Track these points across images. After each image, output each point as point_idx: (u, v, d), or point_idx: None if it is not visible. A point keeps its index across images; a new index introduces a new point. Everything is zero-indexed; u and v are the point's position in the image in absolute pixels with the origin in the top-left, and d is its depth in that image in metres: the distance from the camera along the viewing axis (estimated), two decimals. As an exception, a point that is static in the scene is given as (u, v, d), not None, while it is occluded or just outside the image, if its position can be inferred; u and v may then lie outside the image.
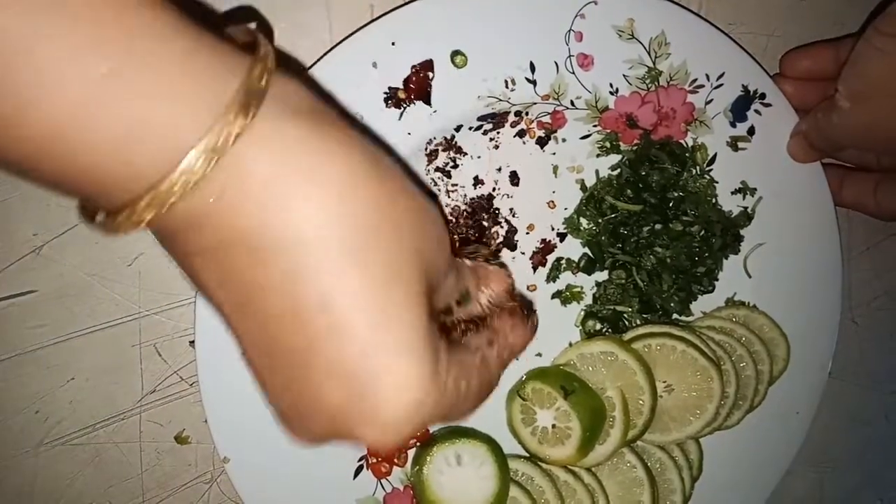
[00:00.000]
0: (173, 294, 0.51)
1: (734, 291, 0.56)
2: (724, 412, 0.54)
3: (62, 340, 0.50)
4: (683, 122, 0.53)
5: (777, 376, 0.56)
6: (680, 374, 0.53)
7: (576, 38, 0.50)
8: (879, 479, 0.63)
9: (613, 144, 0.54)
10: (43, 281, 0.50)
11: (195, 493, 0.53)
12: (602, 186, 0.54)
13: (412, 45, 0.48)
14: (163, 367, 0.52)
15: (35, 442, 0.51)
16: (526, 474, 0.53)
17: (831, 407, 0.58)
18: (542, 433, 0.52)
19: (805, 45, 0.55)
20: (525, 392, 0.52)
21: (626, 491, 0.54)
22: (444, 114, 0.50)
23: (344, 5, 0.49)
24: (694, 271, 0.55)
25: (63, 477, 0.52)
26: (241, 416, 0.49)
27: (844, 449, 0.62)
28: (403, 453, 0.53)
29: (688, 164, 0.54)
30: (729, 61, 0.52)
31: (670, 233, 0.54)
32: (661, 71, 0.52)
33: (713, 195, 0.55)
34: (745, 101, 0.53)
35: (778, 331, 0.56)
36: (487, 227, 0.52)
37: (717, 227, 0.54)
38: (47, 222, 0.49)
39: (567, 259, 0.54)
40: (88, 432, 0.52)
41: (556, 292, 0.55)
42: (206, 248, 0.27)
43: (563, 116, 0.52)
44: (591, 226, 0.54)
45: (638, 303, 0.55)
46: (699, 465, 0.56)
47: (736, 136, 0.54)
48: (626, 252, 0.54)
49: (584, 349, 0.53)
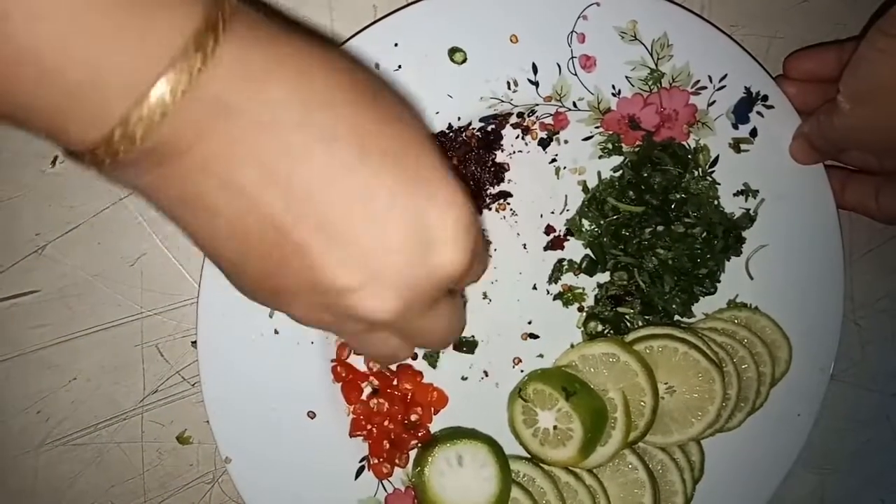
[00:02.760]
0: (175, 294, 0.51)
1: (736, 293, 0.56)
2: (726, 414, 0.54)
3: (64, 340, 0.51)
4: (686, 123, 0.53)
5: (779, 378, 0.56)
6: (682, 376, 0.53)
7: (578, 39, 0.50)
8: (881, 481, 0.63)
9: (615, 146, 0.54)
10: (45, 281, 0.50)
11: (197, 494, 0.53)
12: (604, 188, 0.54)
13: (415, 46, 0.48)
14: (165, 368, 0.52)
15: (37, 442, 0.51)
16: (527, 475, 0.53)
17: (833, 409, 0.58)
18: (543, 434, 0.52)
19: (808, 46, 0.55)
20: (527, 393, 0.52)
21: (627, 492, 0.54)
22: (447, 114, 0.50)
23: (347, 6, 0.49)
24: (696, 273, 0.55)
25: (64, 477, 0.52)
26: (242, 417, 0.50)
27: (846, 451, 0.62)
28: (405, 453, 0.53)
29: (690, 165, 0.54)
30: (731, 63, 0.52)
31: (672, 234, 0.54)
32: (664, 72, 0.52)
33: (715, 197, 0.55)
34: (747, 103, 0.53)
35: (780, 332, 0.56)
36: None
37: (719, 229, 0.54)
38: (49, 222, 0.49)
39: (569, 260, 0.54)
40: (90, 432, 0.52)
41: (557, 293, 0.55)
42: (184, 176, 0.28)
43: (565, 118, 0.53)
44: (593, 227, 0.54)
45: (640, 304, 0.55)
46: (701, 467, 0.56)
47: (738, 137, 0.54)
48: (627, 253, 0.54)
49: (586, 351, 0.53)
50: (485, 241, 0.37)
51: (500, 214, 0.53)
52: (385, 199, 0.30)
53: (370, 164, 0.29)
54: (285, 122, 0.28)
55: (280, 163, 0.28)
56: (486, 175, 0.52)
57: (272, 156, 0.28)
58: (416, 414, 0.53)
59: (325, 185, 0.29)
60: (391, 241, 0.30)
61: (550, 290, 0.55)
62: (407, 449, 0.53)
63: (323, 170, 0.29)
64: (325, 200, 0.29)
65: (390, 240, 0.30)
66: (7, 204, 0.49)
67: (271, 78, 0.28)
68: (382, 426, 0.52)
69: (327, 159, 0.29)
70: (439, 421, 0.53)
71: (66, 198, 0.49)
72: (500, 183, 0.53)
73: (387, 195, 0.30)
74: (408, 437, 0.53)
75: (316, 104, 0.29)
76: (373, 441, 0.52)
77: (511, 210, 0.53)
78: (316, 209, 0.29)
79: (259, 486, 0.50)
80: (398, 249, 0.30)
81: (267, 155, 0.28)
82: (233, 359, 0.49)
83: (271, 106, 0.28)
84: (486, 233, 0.53)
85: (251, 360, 0.50)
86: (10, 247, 0.49)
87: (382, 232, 0.30)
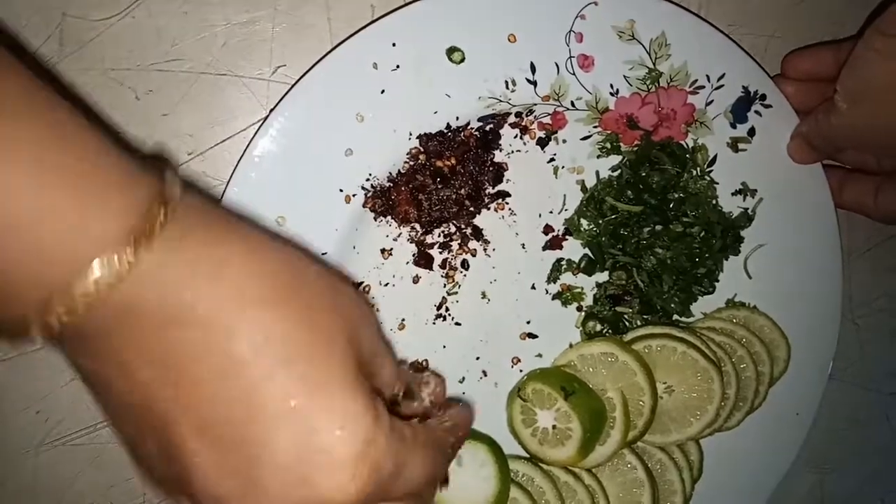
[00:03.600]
0: (174, 294, 0.51)
1: (734, 292, 0.56)
2: (725, 413, 0.54)
3: (63, 340, 0.51)
4: (684, 123, 0.54)
5: (777, 377, 0.56)
6: (680, 376, 0.53)
7: (576, 38, 0.50)
8: (880, 481, 0.63)
9: (614, 145, 0.54)
10: (44, 281, 0.50)
11: (196, 494, 0.53)
12: (602, 187, 0.54)
13: (413, 46, 0.48)
14: (163, 368, 0.52)
15: (36, 442, 0.51)
16: (526, 475, 0.53)
17: (832, 408, 0.58)
18: (542, 434, 0.52)
19: (806, 46, 0.55)
20: (525, 393, 0.52)
21: (626, 492, 0.54)
22: (445, 114, 0.50)
23: (344, 6, 0.49)
24: (694, 272, 0.55)
25: (64, 477, 0.52)
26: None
27: (845, 450, 0.62)
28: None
29: (688, 165, 0.54)
30: (729, 62, 0.53)
31: (670, 234, 0.54)
32: (662, 72, 0.52)
33: (713, 196, 0.55)
34: (745, 103, 0.53)
35: (778, 332, 0.56)
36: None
37: (718, 229, 0.54)
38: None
39: (567, 260, 0.55)
40: (89, 432, 0.52)
41: (556, 293, 0.55)
42: (122, 348, 0.28)
43: (563, 117, 0.53)
44: (592, 227, 0.54)
45: (638, 304, 0.55)
46: (699, 467, 0.56)
47: (736, 137, 0.54)
48: (626, 253, 0.54)
49: (585, 350, 0.53)
50: (430, 456, 0.34)
51: (498, 214, 0.53)
52: (278, 405, 0.28)
53: (270, 365, 0.28)
54: (195, 319, 0.28)
55: (179, 360, 0.28)
56: (485, 175, 0.52)
57: (173, 356, 0.28)
58: None
59: (216, 385, 0.28)
60: (277, 456, 0.28)
61: (549, 289, 0.55)
62: None
63: (215, 369, 0.28)
64: (211, 399, 0.28)
65: (276, 454, 0.28)
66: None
67: (197, 276, 0.28)
68: None
69: (222, 359, 0.28)
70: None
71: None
72: (499, 183, 0.53)
73: (280, 400, 0.28)
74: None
75: (232, 304, 0.28)
76: None
77: (509, 210, 0.53)
78: (199, 408, 0.28)
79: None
80: (277, 463, 0.28)
81: (167, 356, 0.28)
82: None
83: (186, 301, 0.28)
84: (487, 235, 0.53)
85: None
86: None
87: (269, 443, 0.28)
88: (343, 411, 0.29)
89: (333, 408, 0.29)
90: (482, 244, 0.53)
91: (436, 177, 0.51)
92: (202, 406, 0.28)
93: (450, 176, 0.51)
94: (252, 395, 0.28)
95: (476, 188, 0.52)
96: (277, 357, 0.28)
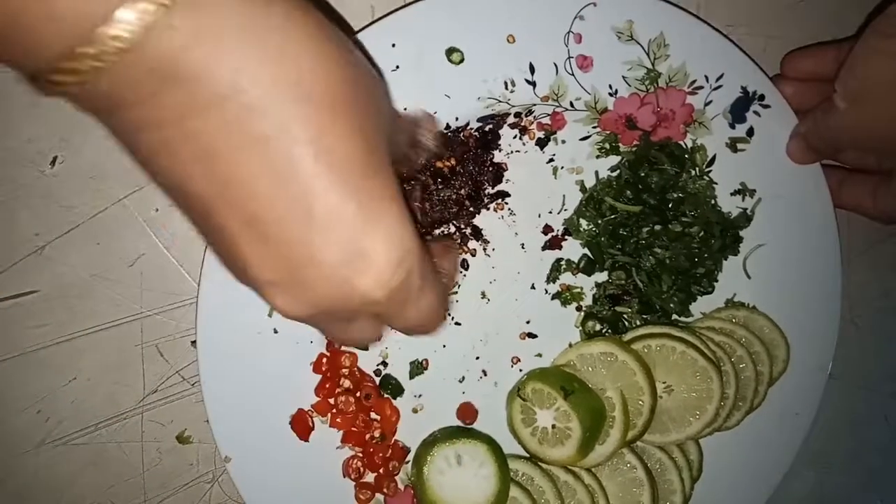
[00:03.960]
0: (175, 294, 0.51)
1: (734, 292, 0.56)
2: (724, 413, 0.54)
3: (64, 340, 0.51)
4: (682, 123, 0.54)
5: (777, 377, 0.56)
6: (680, 375, 0.53)
7: (575, 39, 0.51)
8: (879, 480, 0.63)
9: (613, 146, 0.54)
10: (45, 281, 0.50)
11: (197, 493, 0.54)
12: (602, 187, 0.54)
13: (413, 47, 0.48)
14: (164, 367, 0.52)
15: (36, 442, 0.51)
16: (526, 474, 0.53)
17: (831, 408, 0.58)
18: (542, 433, 0.52)
19: (805, 46, 0.56)
20: (525, 392, 0.52)
21: (626, 491, 0.54)
22: (445, 115, 0.50)
23: (344, 6, 0.50)
24: (693, 272, 0.55)
25: (64, 477, 0.52)
26: (242, 416, 0.50)
27: (844, 450, 0.62)
28: (394, 466, 0.53)
29: (687, 165, 0.54)
30: (728, 63, 0.53)
31: (669, 234, 0.54)
32: (661, 72, 0.52)
33: (712, 196, 0.55)
34: (744, 103, 0.54)
35: (778, 332, 0.56)
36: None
37: (717, 229, 0.54)
38: (49, 223, 0.50)
39: (567, 260, 0.55)
40: (90, 432, 0.52)
41: (556, 293, 0.55)
42: (167, 121, 0.27)
43: (562, 118, 0.53)
44: (591, 227, 0.55)
45: (638, 303, 0.55)
46: (699, 466, 0.56)
47: (735, 137, 0.54)
48: (625, 253, 0.54)
49: (584, 350, 0.53)
50: (439, 288, 0.36)
51: (498, 214, 0.53)
52: (325, 215, 0.29)
53: (319, 175, 0.29)
54: (244, 104, 0.27)
55: (227, 149, 0.28)
56: (484, 175, 0.52)
57: (219, 141, 0.27)
58: (378, 429, 0.52)
59: (269, 184, 0.28)
60: (319, 255, 0.30)
61: (549, 289, 0.55)
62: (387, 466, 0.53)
63: (269, 167, 0.28)
64: (262, 198, 0.29)
65: (319, 253, 0.30)
66: (7, 204, 0.49)
67: (244, 46, 0.27)
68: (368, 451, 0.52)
69: (274, 158, 0.28)
70: (439, 421, 0.54)
71: (66, 198, 0.50)
72: (498, 183, 0.53)
73: (328, 211, 0.29)
74: (382, 454, 0.53)
75: (287, 95, 0.28)
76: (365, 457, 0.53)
77: (509, 210, 0.53)
78: (247, 205, 0.29)
79: (259, 486, 0.50)
80: (324, 263, 0.30)
81: (212, 139, 0.27)
82: (232, 358, 0.49)
83: (234, 77, 0.26)
84: (487, 235, 0.53)
85: (251, 360, 0.50)
86: (9, 247, 0.49)
87: (313, 243, 0.30)
88: (389, 221, 0.31)
89: (378, 224, 0.30)
90: (482, 244, 0.53)
91: (436, 177, 0.51)
92: (249, 204, 0.29)
93: (450, 176, 0.51)
94: (304, 199, 0.29)
95: (476, 188, 0.52)
96: (333, 167, 0.29)
